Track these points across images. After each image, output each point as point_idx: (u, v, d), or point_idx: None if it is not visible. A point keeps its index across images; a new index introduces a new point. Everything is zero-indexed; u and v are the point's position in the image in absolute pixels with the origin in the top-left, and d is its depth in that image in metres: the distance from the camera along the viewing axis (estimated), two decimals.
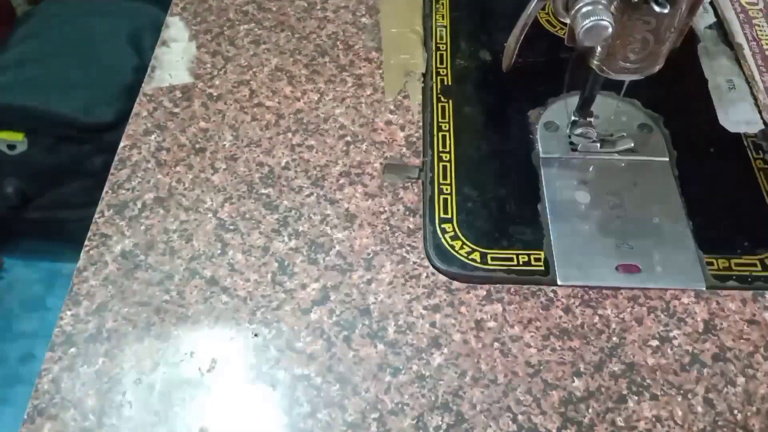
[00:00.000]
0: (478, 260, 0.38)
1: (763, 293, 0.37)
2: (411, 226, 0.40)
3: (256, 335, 0.36)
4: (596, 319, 0.36)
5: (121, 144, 0.45)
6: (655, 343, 0.36)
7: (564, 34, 0.47)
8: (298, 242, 0.40)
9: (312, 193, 0.42)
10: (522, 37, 0.35)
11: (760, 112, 0.45)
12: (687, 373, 0.35)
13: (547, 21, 0.51)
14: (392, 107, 0.46)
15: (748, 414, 0.33)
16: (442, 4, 0.53)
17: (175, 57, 0.50)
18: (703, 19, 0.52)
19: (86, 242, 0.40)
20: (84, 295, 0.38)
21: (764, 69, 0.47)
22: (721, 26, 0.51)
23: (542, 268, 0.38)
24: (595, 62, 0.36)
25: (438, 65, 0.48)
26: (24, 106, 0.96)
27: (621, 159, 0.43)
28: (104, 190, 0.42)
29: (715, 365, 0.35)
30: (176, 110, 0.46)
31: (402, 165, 0.43)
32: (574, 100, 0.43)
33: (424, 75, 0.48)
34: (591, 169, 0.42)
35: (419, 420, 0.33)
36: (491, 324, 0.36)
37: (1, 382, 1.10)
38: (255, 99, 0.47)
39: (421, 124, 0.45)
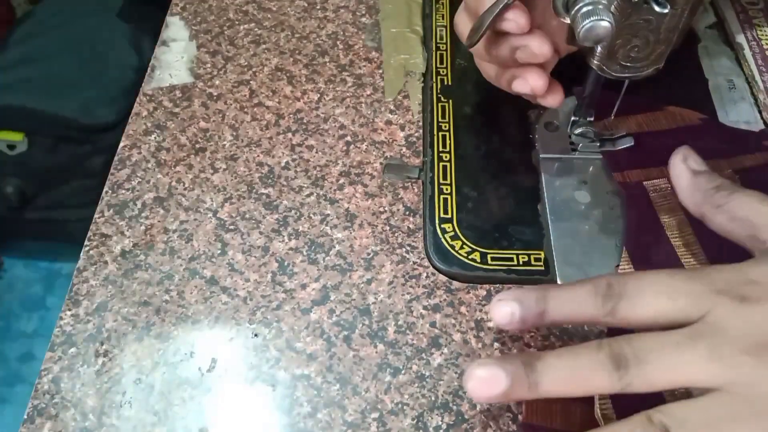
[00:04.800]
0: (478, 260, 0.38)
1: None
2: (411, 226, 0.40)
3: (256, 335, 0.36)
4: None
5: (121, 144, 0.45)
6: None
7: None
8: (298, 242, 0.40)
9: (312, 193, 0.42)
10: (497, 19, 0.34)
11: (760, 112, 0.45)
12: None
13: None
14: (392, 107, 0.46)
15: None
16: (442, 4, 0.53)
17: (175, 57, 0.50)
18: (704, 19, 0.52)
19: (86, 242, 0.40)
20: (84, 295, 0.38)
21: (764, 69, 0.47)
22: (721, 26, 0.51)
23: (542, 268, 0.38)
24: (596, 62, 0.36)
25: (438, 65, 0.48)
26: (24, 106, 0.96)
27: None
28: (104, 190, 0.42)
29: None
30: (176, 110, 0.46)
31: (402, 165, 0.43)
32: (575, 100, 0.43)
33: (424, 75, 0.48)
34: (591, 169, 0.42)
35: (419, 420, 0.33)
36: (491, 324, 0.36)
37: (1, 381, 1.10)
38: (255, 99, 0.47)
39: (421, 124, 0.45)
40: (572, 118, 0.42)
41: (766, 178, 0.38)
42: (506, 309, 0.28)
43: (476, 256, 0.38)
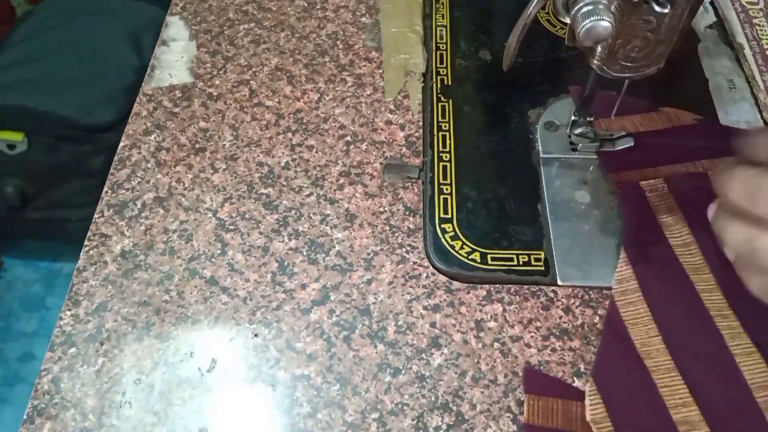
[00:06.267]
0: (478, 260, 0.38)
1: None
2: (411, 226, 0.40)
3: (256, 335, 0.36)
4: (596, 319, 0.36)
5: (121, 144, 0.45)
6: None
7: (564, 34, 0.47)
8: (298, 242, 0.40)
9: (312, 193, 0.42)
10: (522, 37, 0.35)
11: (760, 112, 0.45)
12: None
13: (548, 21, 0.51)
14: (392, 107, 0.46)
15: None
16: (442, 3, 0.53)
17: (174, 56, 0.50)
18: (704, 18, 0.52)
19: (86, 242, 0.40)
20: (84, 295, 0.38)
21: (764, 69, 0.47)
22: (721, 26, 0.51)
23: (542, 268, 0.38)
24: (596, 62, 0.36)
25: (438, 65, 0.48)
26: (24, 106, 0.96)
27: None
28: (104, 190, 0.42)
29: None
30: (176, 110, 0.46)
31: (402, 165, 0.43)
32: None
33: (424, 75, 0.48)
34: (591, 169, 0.42)
35: (419, 420, 0.33)
36: (491, 324, 0.36)
37: (1, 382, 1.10)
38: (255, 99, 0.47)
39: (421, 124, 0.45)
40: (572, 118, 0.42)
41: None
42: None
43: (476, 256, 0.38)
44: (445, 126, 0.45)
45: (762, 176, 0.27)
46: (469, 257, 0.38)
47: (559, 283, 0.37)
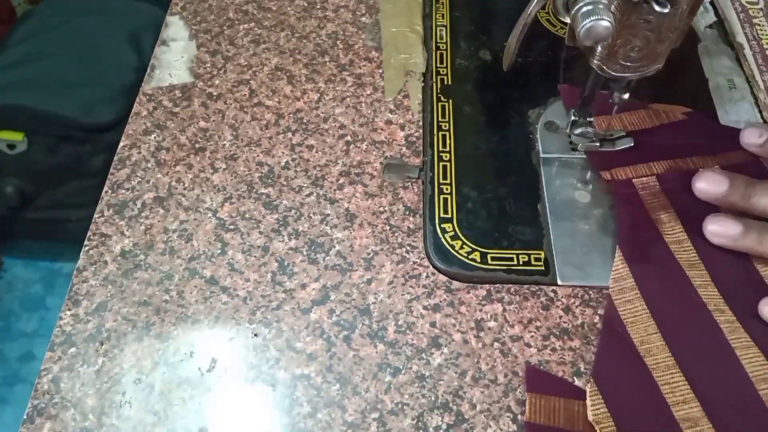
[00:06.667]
0: (478, 260, 0.38)
1: None
2: (411, 225, 0.40)
3: (256, 335, 0.36)
4: (596, 319, 0.36)
5: (121, 144, 0.45)
6: None
7: (564, 34, 0.47)
8: (298, 242, 0.40)
9: (312, 193, 0.42)
10: (522, 37, 0.35)
11: (760, 112, 0.45)
12: None
13: (548, 21, 0.51)
14: (392, 107, 0.46)
15: None
16: (442, 3, 0.53)
17: (174, 56, 0.50)
18: (704, 18, 0.52)
19: (86, 242, 0.40)
20: (84, 295, 0.38)
21: (764, 69, 0.47)
22: (721, 26, 0.51)
23: (542, 268, 0.38)
24: (596, 62, 0.36)
25: (438, 65, 0.48)
26: (24, 106, 0.96)
27: None
28: (104, 190, 0.42)
29: None
30: (176, 110, 0.46)
31: (402, 165, 0.43)
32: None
33: (424, 75, 0.48)
34: (591, 168, 0.42)
35: (419, 420, 0.33)
36: (491, 324, 0.36)
37: (1, 381, 1.10)
38: (255, 98, 0.47)
39: (421, 123, 0.45)
40: (572, 118, 0.42)
41: (752, 175, 0.38)
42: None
43: (476, 256, 0.38)
44: (445, 126, 0.45)
45: None
46: (469, 257, 0.38)
47: (559, 282, 0.37)
